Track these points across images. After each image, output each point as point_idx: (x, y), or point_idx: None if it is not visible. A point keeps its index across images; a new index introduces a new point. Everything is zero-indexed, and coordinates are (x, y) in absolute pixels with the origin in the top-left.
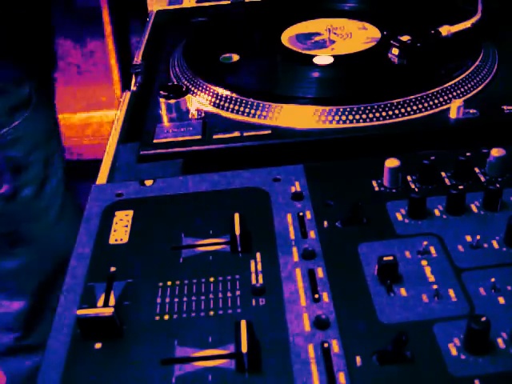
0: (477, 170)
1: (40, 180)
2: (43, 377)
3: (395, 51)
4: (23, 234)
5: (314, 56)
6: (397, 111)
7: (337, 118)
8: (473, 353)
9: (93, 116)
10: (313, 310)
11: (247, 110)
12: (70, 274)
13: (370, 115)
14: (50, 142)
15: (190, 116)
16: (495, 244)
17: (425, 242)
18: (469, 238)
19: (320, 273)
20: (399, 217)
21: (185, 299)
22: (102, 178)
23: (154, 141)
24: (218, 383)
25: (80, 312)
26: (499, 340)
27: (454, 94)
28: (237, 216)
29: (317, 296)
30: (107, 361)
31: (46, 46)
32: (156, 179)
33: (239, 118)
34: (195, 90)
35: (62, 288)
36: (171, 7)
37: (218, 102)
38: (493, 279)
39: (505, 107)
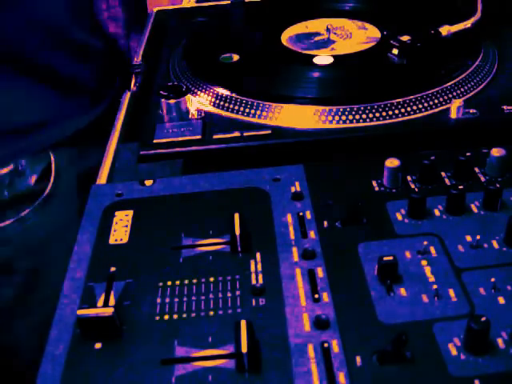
0: (477, 170)
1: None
2: (43, 377)
3: (395, 51)
4: None
5: (314, 56)
6: (397, 111)
7: (337, 118)
8: (473, 353)
9: None
10: (313, 310)
11: (247, 110)
12: (69, 274)
13: (370, 115)
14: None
15: (190, 116)
16: (495, 244)
17: (425, 242)
18: (469, 238)
19: (320, 273)
20: (399, 217)
21: (185, 299)
22: (102, 177)
23: (154, 141)
24: (217, 383)
25: (80, 312)
26: (499, 340)
27: (454, 93)
28: (237, 216)
29: (317, 296)
30: (107, 361)
31: None
32: (156, 179)
33: (239, 117)
34: (195, 90)
35: (62, 288)
36: (171, 7)
37: (218, 101)
38: (493, 279)
39: (505, 107)
